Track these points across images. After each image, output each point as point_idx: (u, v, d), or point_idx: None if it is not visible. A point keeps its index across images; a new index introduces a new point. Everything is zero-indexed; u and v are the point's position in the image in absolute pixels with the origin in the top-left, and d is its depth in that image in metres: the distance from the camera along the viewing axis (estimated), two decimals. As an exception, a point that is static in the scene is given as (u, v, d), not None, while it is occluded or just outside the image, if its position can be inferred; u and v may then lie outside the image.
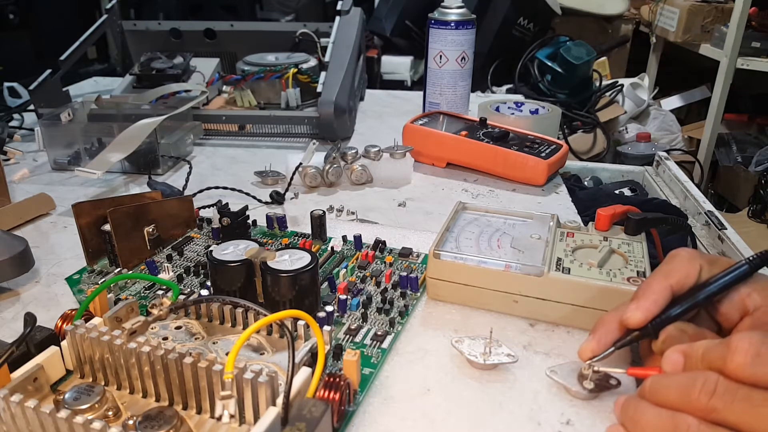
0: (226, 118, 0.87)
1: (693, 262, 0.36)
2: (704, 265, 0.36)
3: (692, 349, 0.31)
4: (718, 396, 0.28)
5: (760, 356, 0.27)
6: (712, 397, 0.28)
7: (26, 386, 0.33)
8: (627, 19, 2.28)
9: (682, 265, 0.36)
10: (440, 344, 0.41)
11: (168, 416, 0.32)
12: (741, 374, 0.28)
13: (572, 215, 0.64)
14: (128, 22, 1.11)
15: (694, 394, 0.29)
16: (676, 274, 0.36)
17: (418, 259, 0.52)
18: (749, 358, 0.28)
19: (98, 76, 1.30)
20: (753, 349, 0.28)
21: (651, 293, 0.36)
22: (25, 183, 0.73)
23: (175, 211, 0.55)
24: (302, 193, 0.69)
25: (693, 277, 0.36)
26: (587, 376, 0.36)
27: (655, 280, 0.36)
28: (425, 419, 0.35)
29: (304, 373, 0.32)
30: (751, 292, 0.35)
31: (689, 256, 0.37)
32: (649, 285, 0.36)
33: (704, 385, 0.29)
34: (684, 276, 0.36)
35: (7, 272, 0.47)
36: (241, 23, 1.11)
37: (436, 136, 0.76)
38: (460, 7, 0.83)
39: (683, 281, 0.36)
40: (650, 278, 0.37)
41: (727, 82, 1.87)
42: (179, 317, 0.41)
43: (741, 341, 0.28)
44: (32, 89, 0.86)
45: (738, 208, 1.81)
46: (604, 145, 1.74)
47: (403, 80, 1.75)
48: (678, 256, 0.37)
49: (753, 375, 0.28)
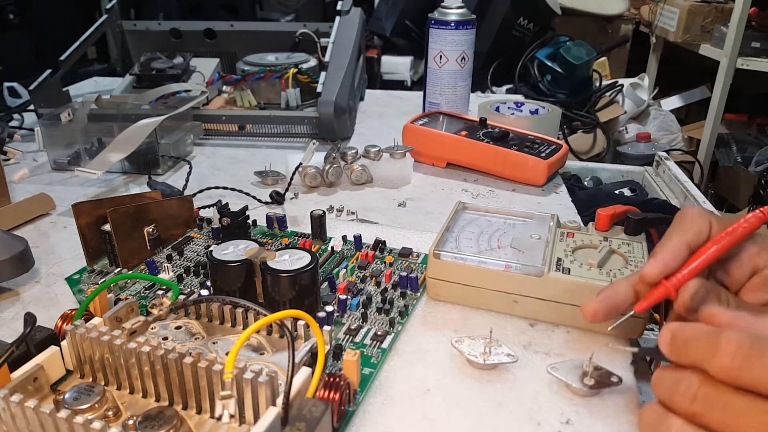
0: (226, 118, 0.87)
1: (703, 218, 0.37)
2: (713, 221, 0.36)
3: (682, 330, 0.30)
4: (698, 402, 0.28)
5: (748, 360, 0.26)
6: (693, 402, 0.28)
7: (26, 386, 0.33)
8: (627, 19, 2.28)
9: (694, 222, 0.36)
10: (440, 344, 0.41)
11: (168, 416, 0.32)
12: (725, 377, 0.27)
13: (572, 215, 0.64)
14: (128, 22, 1.11)
15: (677, 397, 0.29)
16: (690, 230, 0.36)
17: (418, 259, 0.52)
18: (736, 362, 0.26)
19: (98, 76, 1.30)
20: (741, 353, 0.26)
21: (669, 247, 0.36)
22: (25, 183, 0.73)
23: (175, 211, 0.55)
24: (302, 193, 0.69)
25: (705, 233, 0.36)
26: (588, 373, 0.36)
27: (671, 238, 0.36)
28: (425, 419, 0.35)
29: (304, 373, 0.32)
30: (761, 251, 0.35)
31: (699, 213, 0.37)
32: (666, 242, 0.36)
33: (686, 390, 0.28)
34: (697, 232, 0.36)
35: (7, 272, 0.47)
36: (241, 23, 1.11)
37: (436, 136, 0.76)
38: (460, 7, 0.83)
39: (698, 237, 0.36)
40: (665, 237, 0.37)
41: (727, 82, 1.87)
42: (179, 317, 0.41)
43: (728, 344, 0.27)
44: (32, 89, 0.86)
45: (738, 208, 1.81)
46: (604, 145, 1.74)
47: (403, 80, 1.75)
48: (688, 215, 0.37)
49: (737, 379, 0.26)
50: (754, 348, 0.26)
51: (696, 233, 0.36)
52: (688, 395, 0.28)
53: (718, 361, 0.27)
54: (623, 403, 0.36)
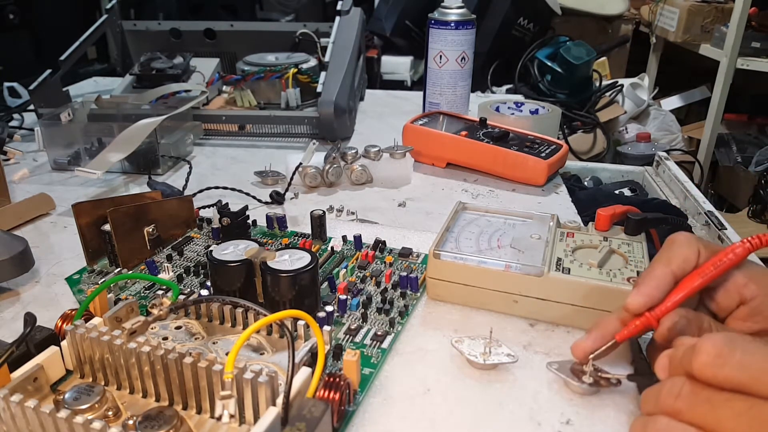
0: (226, 118, 0.87)
1: (691, 246, 0.37)
2: (702, 249, 0.36)
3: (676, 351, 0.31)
4: (681, 398, 0.29)
5: (721, 357, 0.27)
6: (676, 399, 0.29)
7: (26, 386, 0.33)
8: (627, 19, 2.27)
9: (681, 251, 0.36)
10: (440, 344, 0.41)
11: (168, 416, 0.32)
12: (703, 375, 0.28)
13: (572, 215, 0.64)
14: (128, 22, 1.11)
15: (661, 398, 0.30)
16: (676, 259, 0.36)
17: (418, 259, 0.52)
18: (711, 359, 0.28)
19: (98, 76, 1.30)
20: (715, 351, 0.28)
21: (652, 279, 0.36)
22: (25, 183, 0.73)
23: (175, 211, 0.55)
24: (302, 193, 0.69)
25: (692, 262, 0.36)
26: (587, 372, 0.36)
27: (656, 267, 0.36)
28: (425, 419, 0.35)
29: (304, 373, 0.32)
30: (748, 282, 0.35)
31: (687, 241, 0.37)
32: (650, 272, 0.36)
33: (670, 389, 0.29)
34: (683, 261, 0.36)
35: (7, 272, 0.47)
36: (241, 23, 1.11)
37: (436, 136, 0.76)
38: (460, 7, 0.83)
39: (684, 266, 0.36)
40: (651, 266, 0.37)
41: (727, 82, 1.87)
42: (179, 317, 0.41)
43: (705, 343, 0.28)
44: (32, 89, 0.86)
45: (738, 208, 1.81)
46: (604, 145, 1.74)
47: (403, 80, 1.75)
48: (676, 242, 0.37)
49: (714, 376, 0.28)
50: (727, 345, 0.28)
51: (682, 262, 0.36)
52: (672, 394, 0.29)
53: (696, 360, 0.28)
54: (623, 403, 0.36)
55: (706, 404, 0.28)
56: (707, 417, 0.28)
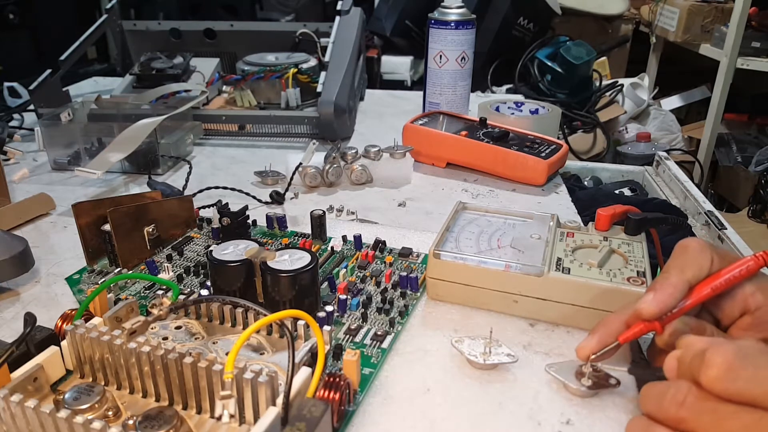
0: (226, 118, 0.87)
1: (705, 254, 0.36)
2: (715, 257, 0.36)
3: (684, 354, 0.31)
4: (686, 407, 0.28)
5: (732, 371, 0.27)
6: (680, 407, 0.29)
7: (26, 386, 0.33)
8: (627, 19, 2.27)
9: (695, 259, 0.36)
10: (440, 344, 0.41)
11: (168, 416, 0.32)
12: (714, 389, 0.28)
13: (572, 215, 0.64)
14: (128, 22, 1.11)
15: (664, 404, 0.29)
16: (691, 268, 0.36)
17: (418, 259, 0.52)
18: (722, 372, 0.27)
19: (98, 76, 1.30)
20: (726, 364, 0.27)
21: (669, 286, 0.35)
22: (25, 183, 0.73)
23: (175, 211, 0.55)
24: (302, 193, 0.69)
25: (706, 270, 0.36)
26: (586, 374, 0.36)
27: (672, 275, 0.36)
28: (425, 419, 0.35)
29: (304, 373, 0.32)
30: (755, 291, 0.35)
31: (701, 248, 0.37)
32: (666, 279, 0.36)
33: (674, 396, 0.29)
34: (698, 269, 0.36)
35: (7, 272, 0.47)
36: (241, 23, 1.11)
37: (436, 136, 0.76)
38: (460, 7, 0.83)
39: (698, 275, 0.36)
40: (666, 272, 0.36)
41: (727, 82, 1.87)
42: (179, 317, 0.41)
43: (714, 356, 0.28)
44: (32, 89, 0.86)
45: (738, 208, 1.81)
46: (604, 145, 1.74)
47: (403, 80, 1.75)
48: (690, 248, 0.37)
49: (725, 390, 0.27)
50: (738, 358, 0.27)
51: (697, 270, 0.36)
52: (676, 401, 0.29)
53: (705, 373, 0.28)
54: (623, 404, 0.36)
55: (711, 415, 0.28)
56: (712, 429, 0.27)
